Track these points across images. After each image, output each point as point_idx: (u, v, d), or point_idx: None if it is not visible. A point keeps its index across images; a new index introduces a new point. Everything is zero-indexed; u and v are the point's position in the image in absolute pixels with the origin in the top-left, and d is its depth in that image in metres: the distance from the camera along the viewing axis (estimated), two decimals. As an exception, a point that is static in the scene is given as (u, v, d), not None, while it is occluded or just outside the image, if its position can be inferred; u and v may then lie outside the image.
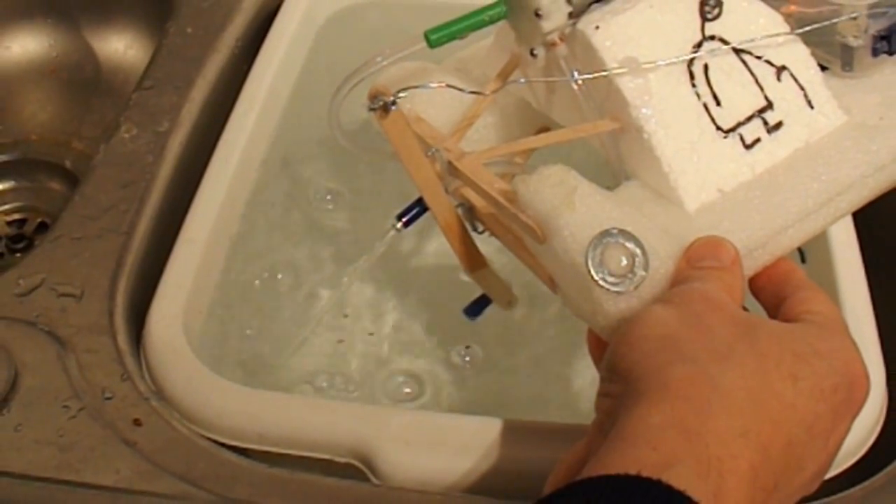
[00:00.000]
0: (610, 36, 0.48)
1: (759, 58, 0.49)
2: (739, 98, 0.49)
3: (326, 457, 0.53)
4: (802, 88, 0.50)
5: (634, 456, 0.35)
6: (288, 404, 0.55)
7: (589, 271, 0.43)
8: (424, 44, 0.49)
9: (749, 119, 0.49)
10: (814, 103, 0.50)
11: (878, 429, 0.52)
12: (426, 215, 0.57)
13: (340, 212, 0.80)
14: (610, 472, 0.35)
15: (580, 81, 0.49)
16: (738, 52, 0.49)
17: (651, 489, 0.34)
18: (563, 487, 0.35)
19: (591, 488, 0.35)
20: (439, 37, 0.49)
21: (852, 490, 0.51)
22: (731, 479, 0.35)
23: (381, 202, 0.78)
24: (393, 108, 0.51)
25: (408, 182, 0.55)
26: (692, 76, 0.48)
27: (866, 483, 0.51)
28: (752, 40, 0.49)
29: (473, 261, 0.58)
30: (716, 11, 0.49)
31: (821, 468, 0.40)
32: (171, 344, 0.57)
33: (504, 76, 0.54)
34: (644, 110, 0.47)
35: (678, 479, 0.34)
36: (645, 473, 0.34)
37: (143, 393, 0.56)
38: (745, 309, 0.43)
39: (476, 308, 0.60)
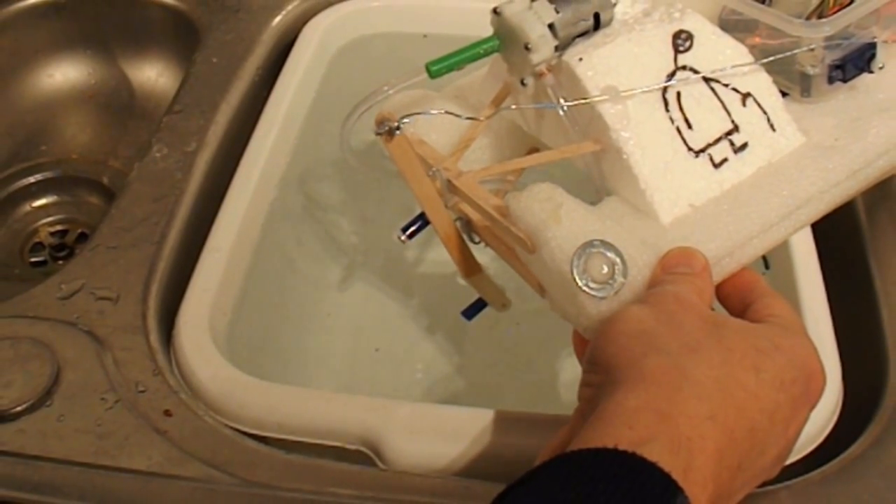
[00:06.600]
0: (592, 67, 0.48)
1: (726, 86, 0.50)
2: (709, 122, 0.49)
3: (338, 444, 0.53)
4: (765, 113, 0.50)
5: (612, 434, 0.36)
6: (303, 397, 0.55)
7: (574, 278, 0.44)
8: (426, 74, 0.50)
9: (717, 141, 0.49)
10: (776, 126, 0.50)
11: (835, 419, 0.52)
12: (428, 228, 0.58)
13: (350, 224, 0.81)
14: (589, 446, 0.35)
15: (566, 108, 0.49)
16: (707, 80, 0.49)
17: (626, 460, 0.34)
18: (548, 460, 0.36)
19: (572, 459, 0.35)
20: (439, 68, 0.49)
21: (811, 474, 0.51)
22: (699, 458, 0.35)
23: (386, 216, 0.78)
24: (398, 132, 0.51)
25: (411, 198, 0.55)
26: (666, 102, 0.49)
27: (824, 468, 0.51)
28: (721, 70, 0.49)
29: (470, 268, 0.58)
30: (687, 44, 0.50)
31: (781, 453, 0.40)
32: (198, 343, 0.57)
33: (497, 103, 0.54)
34: (623, 133, 0.48)
35: (651, 454, 0.34)
36: (621, 447, 0.35)
37: (173, 387, 0.56)
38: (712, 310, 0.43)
39: (473, 310, 0.60)
